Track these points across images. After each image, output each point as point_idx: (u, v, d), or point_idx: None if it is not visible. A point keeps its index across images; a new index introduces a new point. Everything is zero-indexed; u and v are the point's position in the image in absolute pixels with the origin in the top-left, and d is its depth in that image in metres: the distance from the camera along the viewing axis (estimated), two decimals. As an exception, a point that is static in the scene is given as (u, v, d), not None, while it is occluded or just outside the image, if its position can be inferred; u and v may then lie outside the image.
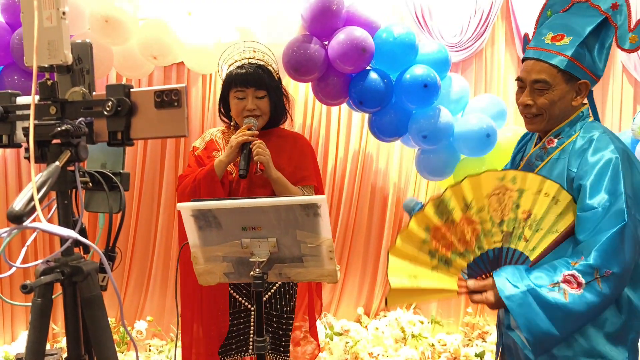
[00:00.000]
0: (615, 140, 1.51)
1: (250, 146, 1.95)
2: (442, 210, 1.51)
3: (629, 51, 1.57)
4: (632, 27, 1.54)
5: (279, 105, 2.12)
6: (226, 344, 2.11)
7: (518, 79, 1.63)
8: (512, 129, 2.94)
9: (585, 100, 1.64)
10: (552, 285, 1.38)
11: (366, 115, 3.14)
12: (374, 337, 3.51)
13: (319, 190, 2.17)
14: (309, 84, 3.09)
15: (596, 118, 1.66)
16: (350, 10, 2.80)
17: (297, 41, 2.74)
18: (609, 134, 1.54)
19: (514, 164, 1.81)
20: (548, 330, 1.38)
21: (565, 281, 1.38)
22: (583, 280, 1.37)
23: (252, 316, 2.10)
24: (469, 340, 3.66)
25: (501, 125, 2.95)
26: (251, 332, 2.11)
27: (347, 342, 3.44)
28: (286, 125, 2.27)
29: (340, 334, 3.49)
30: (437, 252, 1.53)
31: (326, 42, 2.79)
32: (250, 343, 2.11)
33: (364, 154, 3.68)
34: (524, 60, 1.65)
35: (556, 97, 1.56)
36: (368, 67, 2.83)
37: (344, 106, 3.30)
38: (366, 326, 3.63)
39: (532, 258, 1.49)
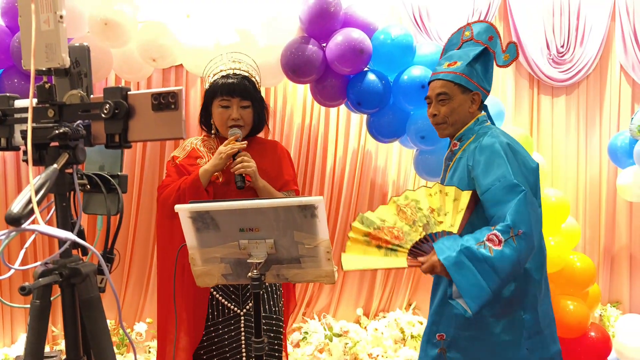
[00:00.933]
0: (500, 136, 1.88)
1: (236, 157, 1.98)
2: (367, 223, 1.89)
3: (504, 66, 2.07)
4: (503, 49, 2.05)
5: (261, 116, 2.15)
6: (219, 353, 2.06)
7: (427, 98, 2.06)
8: (510, 129, 2.95)
9: (483, 112, 2.06)
10: (479, 244, 1.71)
11: (365, 115, 3.15)
12: (374, 338, 3.52)
13: (299, 195, 2.22)
14: (307, 86, 3.10)
15: (493, 124, 2.08)
16: (348, 12, 2.81)
17: (295, 43, 2.76)
18: (496, 132, 1.91)
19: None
20: (479, 283, 1.68)
21: (489, 240, 1.71)
22: (502, 238, 1.69)
23: (242, 321, 2.08)
24: (468, 340, 3.66)
25: (499, 125, 2.95)
26: (242, 337, 2.07)
27: (346, 343, 3.45)
28: (261, 134, 2.29)
29: (339, 335, 3.49)
30: (382, 246, 1.87)
31: (324, 44, 2.80)
32: (243, 349, 2.07)
33: (362, 152, 3.69)
34: (429, 83, 2.06)
35: (455, 105, 1.97)
36: (366, 69, 2.84)
37: (343, 107, 3.31)
38: (365, 327, 3.64)
39: (455, 232, 1.81)
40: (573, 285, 2.94)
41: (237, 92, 2.04)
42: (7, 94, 1.15)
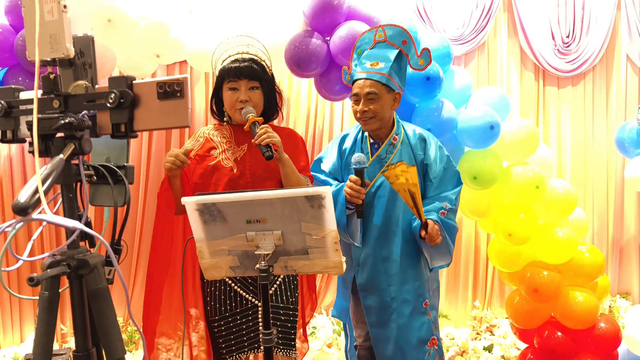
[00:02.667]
0: (428, 132, 2.41)
1: (258, 130, 1.93)
2: None
3: (419, 70, 2.29)
4: (418, 54, 2.26)
5: (271, 99, 2.14)
6: (237, 342, 2.10)
7: (354, 95, 2.24)
8: (516, 121, 2.93)
9: None
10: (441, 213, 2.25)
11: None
12: (382, 332, 3.50)
13: (312, 181, 2.25)
14: (312, 80, 3.09)
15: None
16: (352, 4, 2.80)
17: (299, 37, 2.74)
18: (422, 128, 2.41)
19: (343, 160, 2.39)
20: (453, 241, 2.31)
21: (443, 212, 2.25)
22: (448, 209, 2.26)
23: (259, 312, 2.09)
24: (477, 333, 3.65)
25: (504, 117, 2.94)
26: (260, 327, 2.09)
27: (354, 338, 3.44)
28: (276, 122, 2.30)
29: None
30: None
31: (328, 38, 2.79)
32: (261, 339, 2.09)
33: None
34: (354, 81, 2.27)
35: (383, 103, 2.21)
36: (370, 61, 2.82)
37: (347, 100, 3.30)
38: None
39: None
40: (582, 276, 2.91)
41: (245, 74, 2.03)
42: (12, 86, 1.15)
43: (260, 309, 2.09)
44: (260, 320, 2.09)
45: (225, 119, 2.16)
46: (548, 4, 3.88)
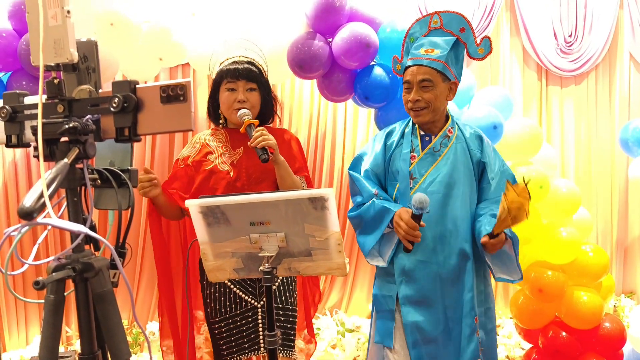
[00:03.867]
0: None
1: (254, 133, 1.94)
2: None
3: (479, 59, 2.09)
4: (478, 43, 2.06)
5: (268, 101, 2.15)
6: (238, 344, 2.12)
7: (406, 82, 2.04)
8: (519, 121, 2.93)
9: None
10: None
11: (372, 110, 3.14)
12: (386, 333, 3.51)
13: (309, 181, 2.24)
14: (314, 81, 3.09)
15: None
16: (354, 6, 2.80)
17: (301, 38, 2.75)
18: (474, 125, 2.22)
19: (388, 155, 2.15)
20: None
21: None
22: None
23: (259, 313, 2.11)
24: (482, 334, 3.64)
25: (508, 116, 2.94)
26: (260, 329, 2.12)
27: (359, 339, 3.44)
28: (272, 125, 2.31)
29: (352, 331, 3.49)
30: None
31: (330, 39, 2.79)
32: (261, 340, 2.11)
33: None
34: (405, 69, 2.06)
35: (438, 92, 2.00)
36: (372, 63, 2.83)
37: (350, 101, 3.30)
38: (378, 322, 3.63)
39: None
40: (586, 276, 2.91)
41: (243, 75, 2.05)
42: (17, 91, 1.16)
43: (259, 310, 2.11)
44: (259, 321, 2.11)
45: (220, 121, 2.17)
46: (550, 3, 3.88)
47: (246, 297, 2.12)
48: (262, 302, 2.11)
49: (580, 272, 2.87)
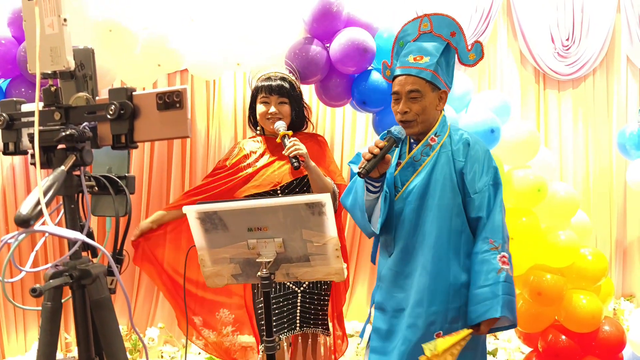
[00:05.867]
0: (478, 137, 2.05)
1: (287, 143, 2.23)
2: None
3: (470, 66, 2.03)
4: (469, 48, 2.00)
5: (299, 112, 2.43)
6: (278, 324, 2.30)
7: (394, 93, 1.97)
8: (517, 125, 2.94)
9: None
10: (499, 272, 1.84)
11: (371, 115, 3.15)
12: (386, 338, 3.50)
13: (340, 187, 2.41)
14: (312, 87, 3.10)
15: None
16: (351, 11, 2.81)
17: (299, 44, 2.76)
18: (474, 134, 2.05)
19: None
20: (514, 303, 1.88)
21: (504, 263, 1.86)
22: (507, 255, 1.88)
23: (299, 297, 2.34)
24: (481, 338, 3.64)
25: (505, 120, 2.94)
26: (298, 310, 2.34)
27: (358, 344, 3.44)
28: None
29: (351, 336, 3.48)
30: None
31: (328, 44, 2.80)
32: (297, 320, 2.33)
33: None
34: (394, 78, 2.00)
35: (426, 103, 1.94)
36: (370, 68, 2.84)
37: (348, 106, 3.31)
38: (377, 327, 3.62)
39: None
40: (585, 279, 2.91)
41: (276, 91, 2.36)
42: (14, 99, 1.16)
43: (299, 294, 2.34)
44: (298, 304, 2.34)
45: (258, 128, 2.47)
46: (547, 7, 3.89)
47: (288, 283, 2.32)
48: (301, 288, 2.35)
49: (579, 276, 2.87)
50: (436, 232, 1.91)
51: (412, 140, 2.04)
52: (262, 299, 2.21)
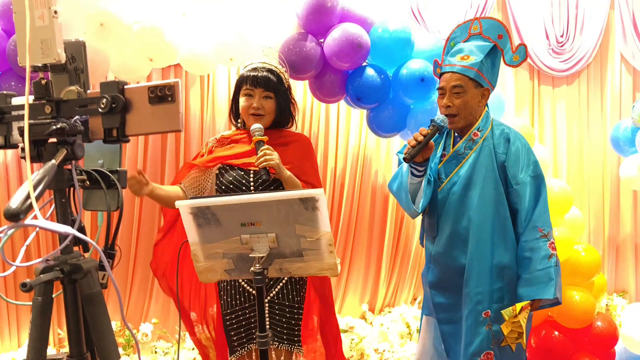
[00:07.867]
0: (518, 132, 2.20)
1: (259, 152, 2.06)
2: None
3: (514, 67, 2.21)
4: (514, 49, 2.16)
5: (285, 109, 2.25)
6: (247, 334, 2.20)
7: (440, 88, 2.15)
8: (511, 121, 2.94)
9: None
10: (550, 258, 2.04)
11: (365, 111, 3.14)
12: (380, 333, 3.51)
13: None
14: (306, 82, 3.09)
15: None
16: (345, 6, 2.80)
17: (293, 39, 2.75)
18: (512, 129, 2.19)
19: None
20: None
21: (553, 249, 2.06)
22: (552, 240, 2.09)
23: (267, 306, 2.20)
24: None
25: (500, 116, 2.95)
26: (267, 321, 2.20)
27: (352, 339, 3.44)
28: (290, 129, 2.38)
29: (345, 331, 3.48)
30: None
31: (322, 40, 2.79)
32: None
33: (364, 149, 3.68)
34: (441, 75, 2.18)
35: (468, 99, 2.10)
36: (364, 63, 2.83)
37: (342, 102, 3.30)
38: (371, 322, 3.63)
39: None
40: (578, 275, 2.92)
41: (261, 84, 2.16)
42: (4, 92, 1.15)
43: (267, 304, 2.19)
44: (267, 314, 2.18)
45: (239, 121, 2.29)
46: (542, 3, 3.89)
47: (254, 292, 2.16)
48: (269, 297, 2.20)
49: (572, 272, 2.88)
50: (480, 219, 2.09)
51: (456, 135, 2.20)
52: (229, 310, 2.19)
